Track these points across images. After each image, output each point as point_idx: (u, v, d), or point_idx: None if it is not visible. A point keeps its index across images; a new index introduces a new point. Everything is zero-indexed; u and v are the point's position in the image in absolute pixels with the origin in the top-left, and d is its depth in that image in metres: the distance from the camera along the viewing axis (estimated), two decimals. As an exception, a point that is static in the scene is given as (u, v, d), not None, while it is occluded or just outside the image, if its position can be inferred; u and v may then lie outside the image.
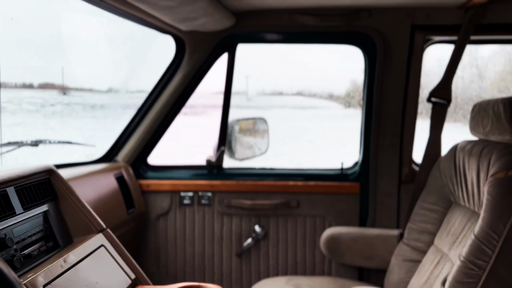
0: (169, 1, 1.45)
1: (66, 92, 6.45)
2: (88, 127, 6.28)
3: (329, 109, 13.10)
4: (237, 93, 13.99)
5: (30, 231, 1.15)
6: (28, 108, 5.35)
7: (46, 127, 5.37)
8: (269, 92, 16.64)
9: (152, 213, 2.13)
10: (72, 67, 5.06)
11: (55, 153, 2.30)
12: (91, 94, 7.32)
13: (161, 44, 2.11)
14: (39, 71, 5.57)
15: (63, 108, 6.33)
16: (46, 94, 6.35)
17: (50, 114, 5.94)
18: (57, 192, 1.29)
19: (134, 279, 1.28)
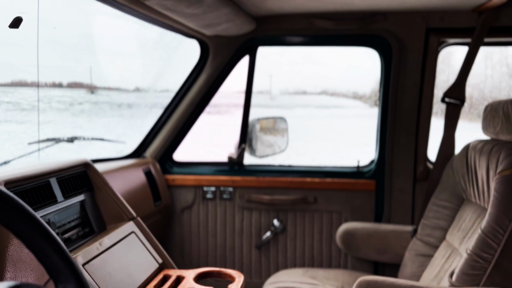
0: (195, 9, 1.57)
1: (94, 91, 6.67)
2: (115, 125, 6.47)
3: (354, 108, 13.00)
4: (261, 92, 14.01)
5: (69, 218, 1.29)
6: (58, 107, 5.56)
7: (75, 125, 5.58)
8: (292, 91, 16.58)
9: (177, 206, 2.26)
10: (100, 67, 5.26)
11: (86, 149, 2.46)
12: (118, 93, 7.53)
13: (187, 48, 2.23)
14: (68, 71, 5.79)
15: (91, 106, 6.52)
16: (75, 93, 6.58)
17: (79, 112, 6.14)
18: (93, 183, 1.43)
19: (161, 263, 1.41)
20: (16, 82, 4.42)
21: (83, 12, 2.99)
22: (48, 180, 1.24)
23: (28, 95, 4.36)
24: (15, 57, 2.87)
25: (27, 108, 4.23)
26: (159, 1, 1.45)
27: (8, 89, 4.50)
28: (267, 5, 1.85)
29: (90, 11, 2.90)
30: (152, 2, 1.45)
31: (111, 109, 7.19)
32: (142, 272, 1.29)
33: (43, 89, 5.50)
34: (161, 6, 1.50)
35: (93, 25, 3.14)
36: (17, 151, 1.86)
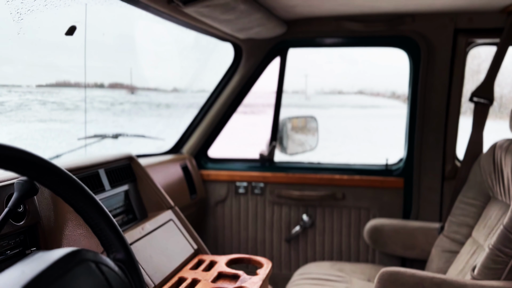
0: (229, 15, 1.69)
1: (134, 91, 6.92)
2: (154, 125, 6.67)
3: (392, 108, 12.73)
4: (296, 92, 14.00)
5: (115, 205, 1.44)
6: (100, 107, 5.82)
7: (116, 124, 5.83)
8: (328, 91, 16.42)
9: (211, 200, 2.39)
10: (140, 69, 5.49)
11: (128, 146, 2.64)
12: (157, 94, 7.78)
13: (222, 50, 2.35)
14: (109, 72, 6.05)
15: (131, 106, 6.76)
16: (116, 93, 6.85)
17: (119, 112, 6.38)
18: (136, 175, 1.58)
19: (196, 249, 1.54)
20: (60, 83, 4.69)
21: (124, 16, 3.18)
22: (97, 171, 1.39)
23: (72, 95, 4.62)
24: (60, 58, 3.06)
25: (71, 107, 4.48)
26: (197, 9, 1.58)
27: (53, 89, 4.77)
28: (297, 9, 1.94)
29: (131, 15, 3.09)
30: (190, 10, 1.58)
31: (150, 109, 7.44)
32: (179, 256, 1.42)
33: (87, 89, 5.77)
34: (198, 13, 1.63)
35: (134, 28, 3.32)
36: (64, 148, 2.04)
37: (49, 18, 1.49)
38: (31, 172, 0.67)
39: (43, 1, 1.23)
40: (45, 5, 1.26)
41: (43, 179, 0.69)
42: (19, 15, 1.26)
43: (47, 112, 4.40)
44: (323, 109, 15.50)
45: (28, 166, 0.66)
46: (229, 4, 1.56)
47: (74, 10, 1.60)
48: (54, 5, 1.30)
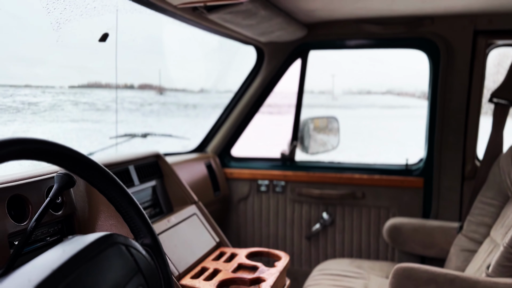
0: (250, 21, 1.77)
1: (163, 92, 7.09)
2: (181, 125, 6.80)
3: (421, 109, 12.48)
4: (323, 93, 13.89)
5: (143, 199, 1.55)
6: (129, 107, 5.99)
7: (145, 124, 5.99)
8: (356, 91, 16.24)
9: (234, 197, 2.48)
10: (168, 70, 5.64)
11: (156, 145, 2.76)
12: (185, 95, 7.94)
13: (245, 52, 2.44)
14: (139, 73, 6.22)
15: (160, 107, 6.91)
16: (145, 94, 7.01)
17: (148, 112, 6.54)
18: (163, 171, 1.68)
19: (218, 242, 1.63)
20: (92, 84, 4.88)
21: (154, 20, 3.32)
22: (127, 167, 1.51)
23: (103, 96, 4.80)
24: (91, 61, 3.20)
25: (102, 108, 4.66)
26: (220, 15, 1.67)
27: (85, 90, 4.95)
28: (317, 13, 2.00)
29: (160, 20, 3.22)
30: (213, 17, 1.67)
31: (178, 109, 7.59)
32: (202, 247, 1.51)
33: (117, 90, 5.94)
34: (221, 19, 1.72)
35: (162, 31, 3.45)
36: (96, 146, 2.17)
37: (82, 24, 1.61)
38: (73, 166, 0.78)
39: (79, 12, 1.35)
40: (81, 15, 1.37)
41: (83, 173, 0.80)
42: (58, 25, 1.38)
43: (79, 113, 4.58)
44: (350, 110, 15.33)
45: (70, 160, 0.77)
46: (251, 10, 1.64)
47: (106, 17, 1.72)
48: (88, 15, 1.42)
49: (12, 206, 1.02)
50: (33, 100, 3.84)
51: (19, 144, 0.66)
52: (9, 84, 3.20)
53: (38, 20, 1.62)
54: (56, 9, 1.33)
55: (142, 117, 6.02)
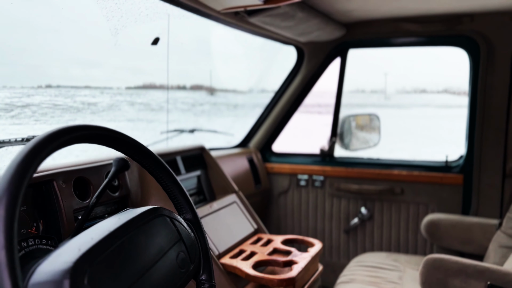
0: (289, 22, 1.88)
1: (213, 93, 7.32)
2: (230, 124, 6.98)
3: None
4: (375, 92, 13.58)
5: (188, 187, 1.70)
6: (182, 107, 6.24)
7: (196, 124, 6.24)
8: (410, 90, 15.72)
9: (275, 191, 2.60)
10: (219, 71, 5.83)
11: (203, 140, 2.93)
12: (234, 95, 8.13)
13: (287, 53, 2.55)
14: (191, 74, 6.47)
15: (210, 107, 7.12)
16: (197, 94, 7.26)
17: (200, 112, 6.77)
18: (206, 163, 1.84)
19: (256, 228, 1.75)
20: (147, 85, 5.17)
21: (204, 23, 3.50)
22: (175, 157, 1.67)
23: (157, 96, 5.08)
24: (146, 63, 3.42)
25: (156, 108, 4.93)
26: (260, 18, 1.79)
27: (140, 91, 5.25)
28: (354, 13, 2.07)
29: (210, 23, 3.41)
30: (254, 20, 1.80)
31: (228, 109, 7.80)
32: (240, 232, 1.65)
33: (170, 91, 6.21)
34: (261, 22, 1.84)
35: (213, 33, 3.63)
36: (149, 140, 2.37)
37: (137, 29, 1.79)
38: (127, 150, 0.93)
39: (134, 18, 1.53)
40: (135, 21, 1.55)
41: (135, 155, 0.95)
42: (115, 30, 1.57)
43: (135, 112, 4.87)
44: (404, 109, 14.89)
45: (125, 145, 0.92)
46: (288, 13, 1.75)
47: (158, 23, 1.89)
48: (142, 21, 1.60)
49: (77, 186, 1.21)
50: (92, 100, 4.14)
51: (84, 130, 0.82)
52: (70, 85, 3.49)
53: (97, 26, 1.83)
54: (114, 17, 1.51)
55: (193, 117, 6.26)
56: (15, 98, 2.82)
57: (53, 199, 1.13)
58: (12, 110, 2.68)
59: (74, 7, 1.93)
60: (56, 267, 0.66)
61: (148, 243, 0.83)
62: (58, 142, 0.74)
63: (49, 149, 0.72)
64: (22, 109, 2.77)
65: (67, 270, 0.65)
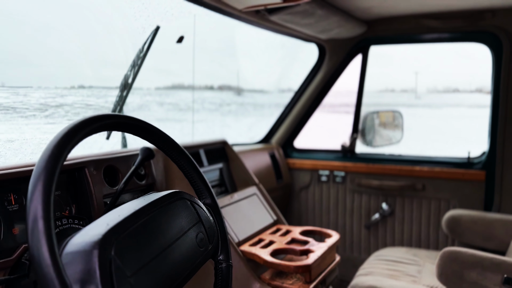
0: (309, 20, 1.93)
1: (241, 93, 7.42)
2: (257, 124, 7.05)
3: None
4: (405, 91, 13.32)
5: (211, 178, 1.78)
6: (209, 107, 6.36)
7: (223, 124, 6.34)
8: (442, 89, 15.35)
9: (296, 186, 2.65)
10: (246, 72, 5.92)
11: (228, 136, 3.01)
12: (261, 95, 8.20)
13: (307, 50, 2.59)
14: (218, 75, 6.58)
15: (237, 107, 7.21)
16: (224, 94, 7.37)
17: (227, 112, 6.86)
18: (228, 156, 1.91)
19: (276, 220, 1.81)
20: (176, 85, 5.30)
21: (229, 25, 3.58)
22: (198, 150, 1.75)
23: (185, 96, 5.20)
24: (174, 64, 3.52)
25: (184, 108, 5.06)
26: (280, 16, 1.85)
27: (169, 91, 5.39)
28: (374, 10, 2.10)
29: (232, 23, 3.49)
30: (274, 18, 1.86)
31: (255, 109, 7.87)
32: (260, 222, 1.71)
33: (198, 91, 6.35)
34: (282, 20, 1.90)
35: (237, 34, 3.71)
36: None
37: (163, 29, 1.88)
38: (152, 138, 1.01)
39: (160, 18, 1.62)
40: (161, 20, 1.64)
41: (159, 144, 1.03)
42: (143, 29, 1.66)
43: (164, 112, 5.01)
44: (435, 109, 14.57)
45: (149, 133, 1.00)
46: (308, 11, 1.80)
47: (183, 23, 1.98)
48: (168, 20, 1.68)
49: (107, 174, 1.30)
50: None
51: (113, 118, 0.90)
52: (102, 86, 3.63)
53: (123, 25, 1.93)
54: (142, 16, 1.61)
55: (220, 117, 6.37)
56: (49, 98, 2.96)
57: (84, 185, 1.22)
58: (47, 109, 2.82)
59: (104, 9, 2.04)
60: (87, 239, 0.74)
61: (170, 222, 0.90)
62: (90, 128, 0.83)
63: (82, 134, 0.80)
64: (56, 109, 2.90)
65: (97, 242, 0.73)
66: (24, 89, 2.77)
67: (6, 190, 1.06)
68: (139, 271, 0.77)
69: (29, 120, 2.55)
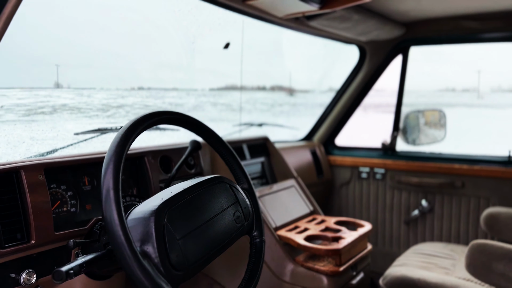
0: (346, 24, 2.06)
1: (293, 93, 7.48)
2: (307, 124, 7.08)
3: None
4: (466, 90, 12.79)
5: (253, 171, 1.96)
6: (261, 108, 6.49)
7: (274, 123, 6.45)
8: (507, 89, 14.49)
9: (337, 182, 2.77)
10: (298, 72, 6.02)
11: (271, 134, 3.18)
12: (313, 95, 8.25)
13: (348, 52, 2.70)
14: (270, 75, 6.70)
15: (289, 108, 7.26)
16: (276, 95, 7.46)
17: (278, 113, 6.96)
18: (269, 151, 2.09)
19: (312, 210, 1.96)
20: (229, 86, 5.52)
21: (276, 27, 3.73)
22: (241, 145, 1.94)
23: (238, 97, 5.38)
24: (227, 66, 3.73)
25: (236, 109, 5.26)
26: (318, 22, 2.00)
27: (222, 92, 5.61)
28: (411, 13, 2.18)
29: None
30: (313, 23, 2.01)
31: (306, 109, 7.93)
32: (296, 211, 1.87)
33: (249, 92, 6.49)
34: (320, 25, 2.04)
35: (285, 36, 3.85)
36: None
37: (213, 36, 2.09)
38: (201, 133, 1.21)
39: (208, 28, 1.83)
40: (210, 30, 1.85)
41: (204, 136, 1.22)
42: (194, 38, 1.88)
43: (217, 113, 5.23)
44: (499, 109, 13.79)
45: (199, 128, 1.19)
46: (344, 16, 1.93)
47: (232, 30, 2.18)
48: (216, 30, 1.89)
49: (162, 162, 1.52)
50: (179, 101, 4.54)
51: (169, 114, 1.11)
52: (160, 87, 3.90)
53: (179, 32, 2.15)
54: (193, 26, 1.83)
55: (272, 117, 6.47)
56: (111, 99, 3.22)
57: (144, 171, 1.45)
58: (108, 110, 3.08)
59: (159, 16, 2.28)
60: (146, 209, 0.95)
61: (211, 200, 1.09)
62: (150, 121, 1.04)
63: (144, 126, 1.02)
64: (117, 109, 3.16)
65: (153, 211, 0.93)
66: (88, 91, 3.05)
67: (81, 173, 1.31)
68: (185, 236, 0.96)
69: (92, 119, 2.81)
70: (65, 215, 1.23)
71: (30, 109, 2.42)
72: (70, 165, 1.26)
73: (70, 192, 1.25)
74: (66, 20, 2.00)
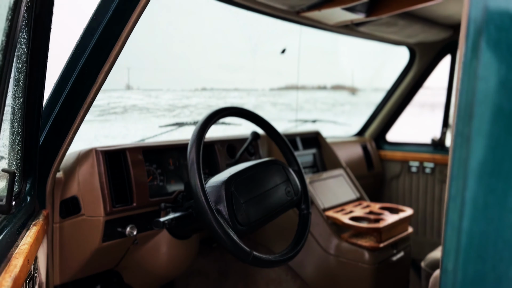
0: (393, 29, 2.25)
1: (355, 92, 7.47)
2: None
3: None
4: None
5: (305, 160, 2.23)
6: (321, 107, 6.61)
7: (333, 122, 6.50)
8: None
9: (387, 175, 2.94)
10: (361, 71, 6.09)
11: (326, 130, 3.40)
12: (376, 93, 8.18)
13: (397, 53, 2.87)
14: (332, 74, 6.79)
15: (351, 107, 7.25)
16: (337, 94, 7.49)
17: (340, 113, 7.00)
18: (320, 143, 2.34)
19: (359, 197, 2.19)
20: (289, 86, 5.75)
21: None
22: (295, 137, 2.22)
23: (298, 97, 5.58)
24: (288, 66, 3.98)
25: (295, 108, 5.48)
26: (367, 27, 2.21)
27: (282, 92, 5.82)
28: (456, 17, 2.31)
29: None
30: (362, 29, 2.23)
31: (367, 107, 7.92)
32: (344, 197, 2.11)
33: (310, 91, 6.60)
34: (369, 30, 2.26)
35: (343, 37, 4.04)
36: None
37: (273, 42, 2.39)
38: (260, 124, 1.51)
39: (267, 36, 2.13)
40: (268, 38, 2.15)
41: (264, 128, 1.52)
42: (255, 45, 2.19)
43: (277, 112, 5.48)
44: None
45: (258, 120, 1.50)
46: (389, 22, 2.14)
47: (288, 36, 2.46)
48: (275, 37, 2.19)
49: (228, 150, 1.84)
50: (240, 101, 4.83)
51: (234, 109, 1.42)
52: (222, 88, 4.21)
53: (240, 37, 2.46)
54: (254, 35, 2.13)
55: (333, 117, 6.55)
56: (176, 99, 3.53)
57: (214, 156, 1.78)
58: (174, 110, 3.38)
59: (220, 21, 2.59)
60: (218, 179, 1.27)
61: (268, 177, 1.39)
62: (222, 114, 1.36)
63: (217, 117, 1.34)
64: (182, 110, 3.47)
65: (224, 181, 1.25)
66: (156, 92, 3.38)
67: (168, 156, 1.66)
68: (247, 201, 1.27)
69: (159, 119, 3.11)
70: (156, 187, 1.58)
71: (104, 110, 2.80)
72: (159, 149, 1.62)
73: (159, 170, 1.61)
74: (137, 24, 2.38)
